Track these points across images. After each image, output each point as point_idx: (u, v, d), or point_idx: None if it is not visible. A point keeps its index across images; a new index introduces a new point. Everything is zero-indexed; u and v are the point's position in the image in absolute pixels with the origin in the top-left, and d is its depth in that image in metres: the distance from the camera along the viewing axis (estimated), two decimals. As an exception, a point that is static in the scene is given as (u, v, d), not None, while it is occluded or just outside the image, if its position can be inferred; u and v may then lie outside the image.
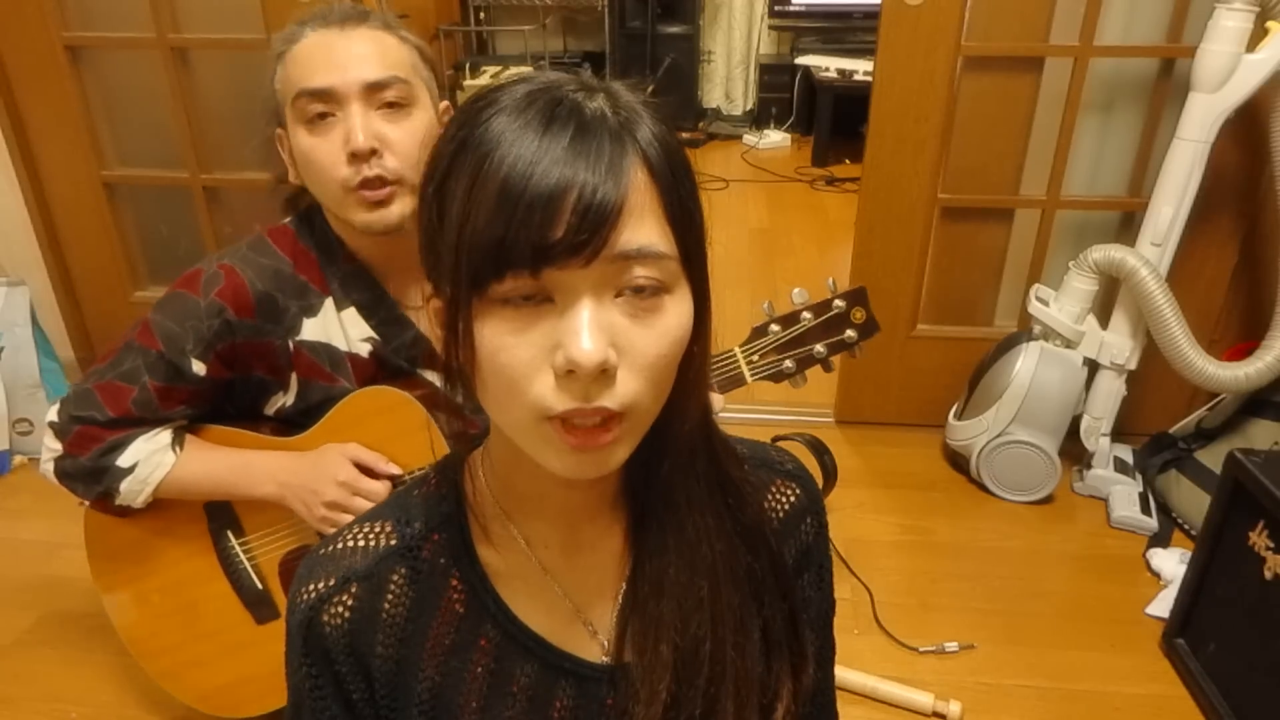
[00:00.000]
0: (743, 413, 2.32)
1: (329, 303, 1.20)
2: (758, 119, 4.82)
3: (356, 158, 1.07)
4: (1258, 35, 1.67)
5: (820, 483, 1.91)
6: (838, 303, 1.24)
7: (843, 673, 1.53)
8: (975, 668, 1.59)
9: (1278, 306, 1.80)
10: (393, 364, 1.23)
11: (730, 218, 3.74)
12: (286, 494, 1.20)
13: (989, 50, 1.92)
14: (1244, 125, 1.83)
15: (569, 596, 0.63)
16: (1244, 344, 1.97)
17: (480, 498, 0.63)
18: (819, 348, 1.25)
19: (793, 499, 0.69)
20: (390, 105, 1.09)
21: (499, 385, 0.51)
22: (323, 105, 1.07)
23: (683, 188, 0.52)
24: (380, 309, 1.22)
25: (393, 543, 0.61)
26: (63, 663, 1.60)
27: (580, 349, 0.47)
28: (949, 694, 1.50)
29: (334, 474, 1.17)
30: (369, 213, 1.10)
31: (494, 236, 0.47)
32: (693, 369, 0.55)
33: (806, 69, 4.40)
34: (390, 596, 0.61)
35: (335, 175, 1.08)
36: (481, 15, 4.69)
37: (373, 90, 1.07)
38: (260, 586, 1.30)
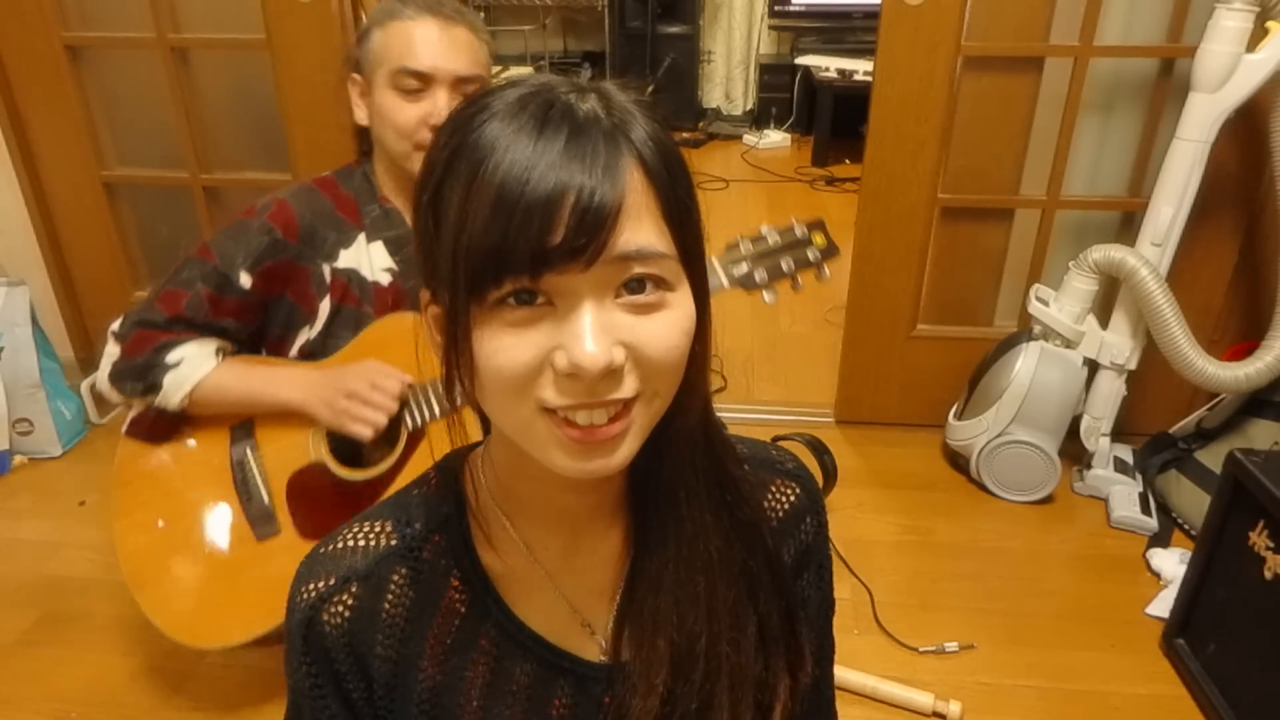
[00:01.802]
0: (743, 413, 2.32)
1: (362, 236, 1.37)
2: (758, 119, 4.82)
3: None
4: (1258, 35, 1.67)
5: (820, 483, 1.92)
6: (799, 229, 1.43)
7: (843, 673, 1.53)
8: (975, 668, 1.59)
9: (1278, 306, 1.80)
10: (410, 296, 1.36)
11: (730, 218, 3.73)
12: (310, 398, 1.32)
13: (989, 50, 1.92)
14: (1244, 125, 1.83)
15: (568, 598, 0.64)
16: (1244, 344, 1.97)
17: (480, 499, 0.63)
18: (785, 263, 1.42)
19: (792, 498, 0.69)
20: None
21: (499, 386, 0.50)
22: (417, 83, 1.27)
23: (679, 186, 0.51)
24: (404, 247, 1.38)
25: (393, 543, 0.61)
26: (63, 663, 1.60)
27: (584, 351, 0.47)
28: (949, 694, 1.50)
29: (355, 372, 1.31)
30: None
31: (491, 242, 0.47)
32: (694, 367, 0.55)
33: (806, 69, 4.41)
34: (391, 596, 0.61)
35: (412, 137, 1.28)
36: (481, 15, 4.69)
37: (459, 82, 1.28)
38: (267, 501, 1.38)
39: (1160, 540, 1.87)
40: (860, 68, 4.11)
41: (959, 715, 1.47)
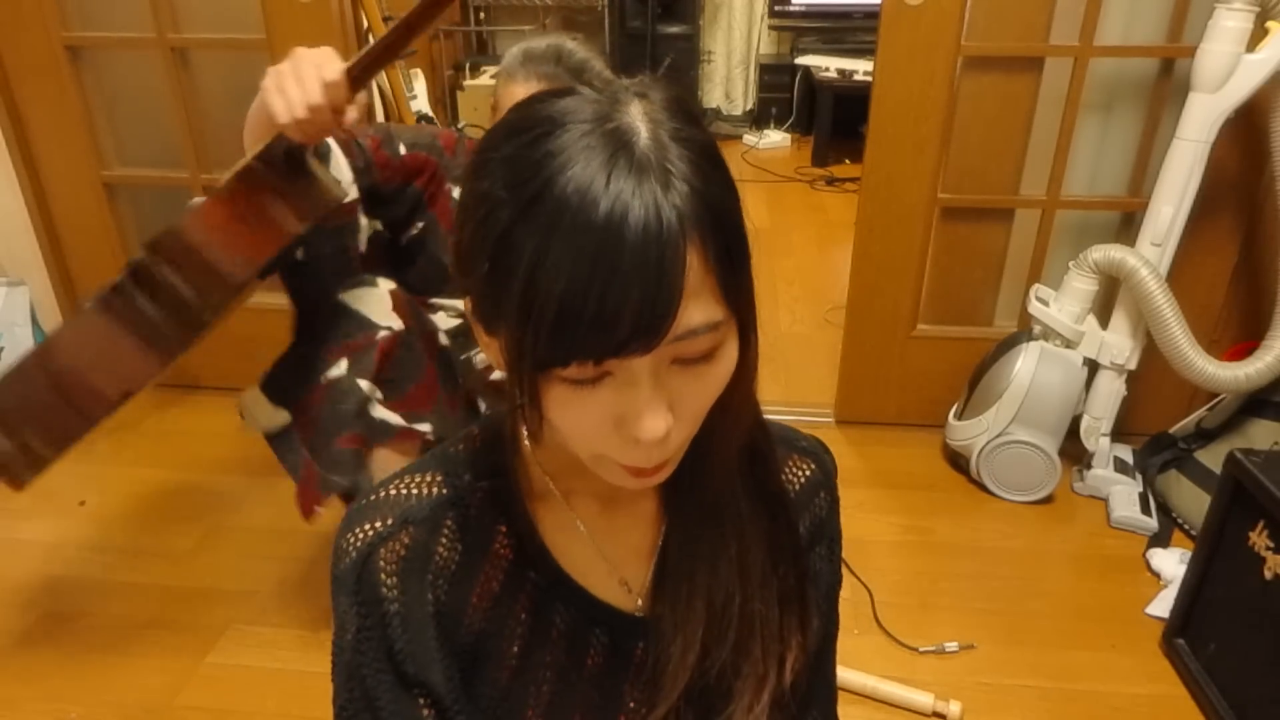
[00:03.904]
0: (743, 413, 2.31)
1: None
2: (758, 119, 4.82)
3: None
4: (1258, 35, 1.67)
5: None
6: None
7: (843, 673, 1.53)
8: (975, 668, 1.59)
9: (1278, 306, 1.80)
10: None
11: (730, 218, 3.73)
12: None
13: (989, 50, 1.92)
14: (1244, 125, 1.83)
15: (606, 556, 0.66)
16: (1244, 344, 1.97)
17: (523, 456, 0.65)
18: None
19: (808, 473, 0.73)
20: None
21: (564, 432, 0.54)
22: None
23: (732, 240, 0.50)
24: None
25: (444, 492, 0.64)
26: (63, 663, 1.60)
27: (645, 430, 0.50)
28: (949, 694, 1.50)
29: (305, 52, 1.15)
30: None
31: (559, 339, 0.47)
32: (737, 397, 0.58)
33: (806, 69, 4.41)
34: (444, 541, 0.63)
35: None
36: (481, 15, 4.70)
37: None
38: None
39: (1160, 540, 1.87)
40: (860, 68, 4.11)
41: (959, 715, 1.47)
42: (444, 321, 1.59)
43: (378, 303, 1.41)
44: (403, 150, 1.46)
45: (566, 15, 4.74)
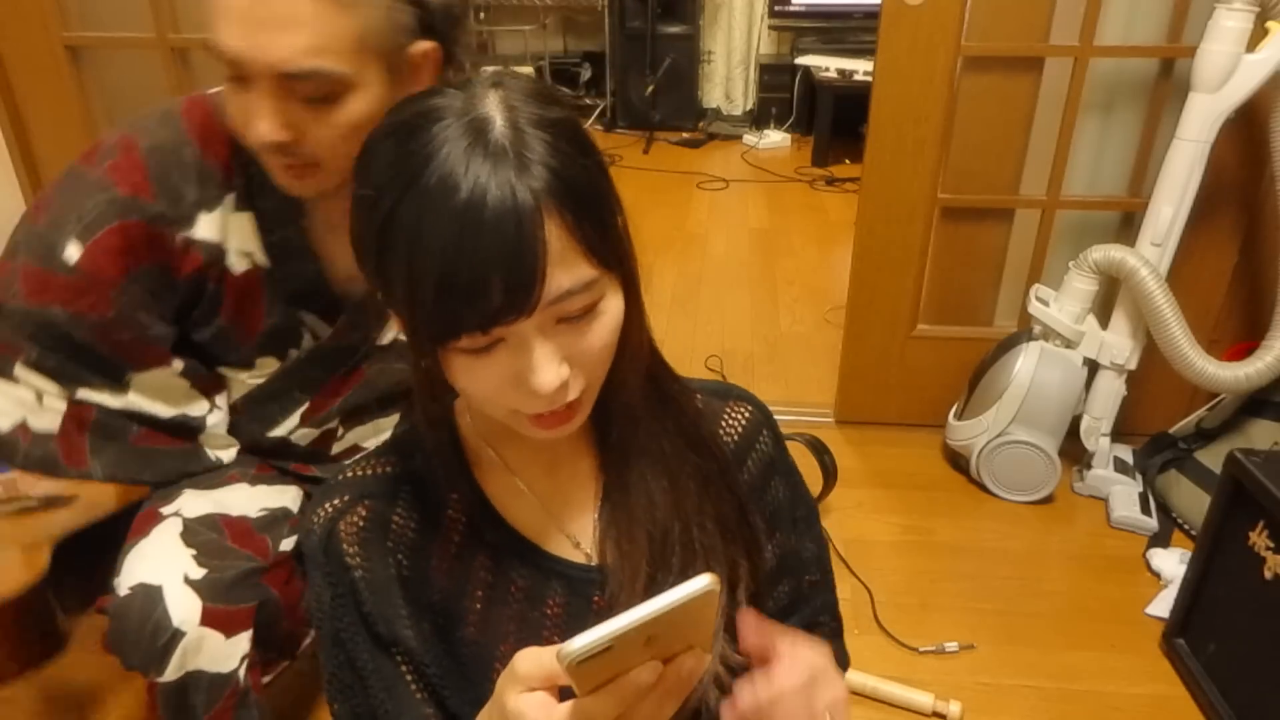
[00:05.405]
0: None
1: (230, 199, 0.98)
2: (758, 119, 4.82)
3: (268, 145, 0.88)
4: (1258, 35, 1.67)
5: (820, 483, 1.92)
6: None
7: (843, 673, 1.53)
8: (975, 668, 1.59)
9: (1278, 306, 1.80)
10: (278, 301, 1.04)
11: (730, 218, 3.74)
12: None
13: (989, 50, 1.92)
14: (1244, 125, 1.83)
15: (553, 514, 0.71)
16: (1244, 344, 1.97)
17: (465, 430, 0.71)
18: None
19: (747, 415, 0.78)
20: (312, 97, 0.86)
21: (474, 397, 0.60)
22: (230, 70, 0.84)
23: (592, 207, 0.55)
24: (283, 227, 0.99)
25: (397, 469, 0.70)
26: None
27: (539, 384, 0.56)
28: (949, 694, 1.50)
29: None
30: (285, 178, 0.93)
31: (440, 314, 0.54)
32: (631, 342, 0.63)
33: (806, 69, 4.41)
34: (399, 511, 0.68)
35: (252, 142, 0.89)
36: (481, 15, 4.69)
37: (287, 81, 0.84)
38: None
39: (1160, 540, 1.87)
40: (860, 68, 4.11)
41: (959, 715, 1.47)
42: None
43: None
44: (75, 253, 0.93)
45: (566, 15, 4.74)
